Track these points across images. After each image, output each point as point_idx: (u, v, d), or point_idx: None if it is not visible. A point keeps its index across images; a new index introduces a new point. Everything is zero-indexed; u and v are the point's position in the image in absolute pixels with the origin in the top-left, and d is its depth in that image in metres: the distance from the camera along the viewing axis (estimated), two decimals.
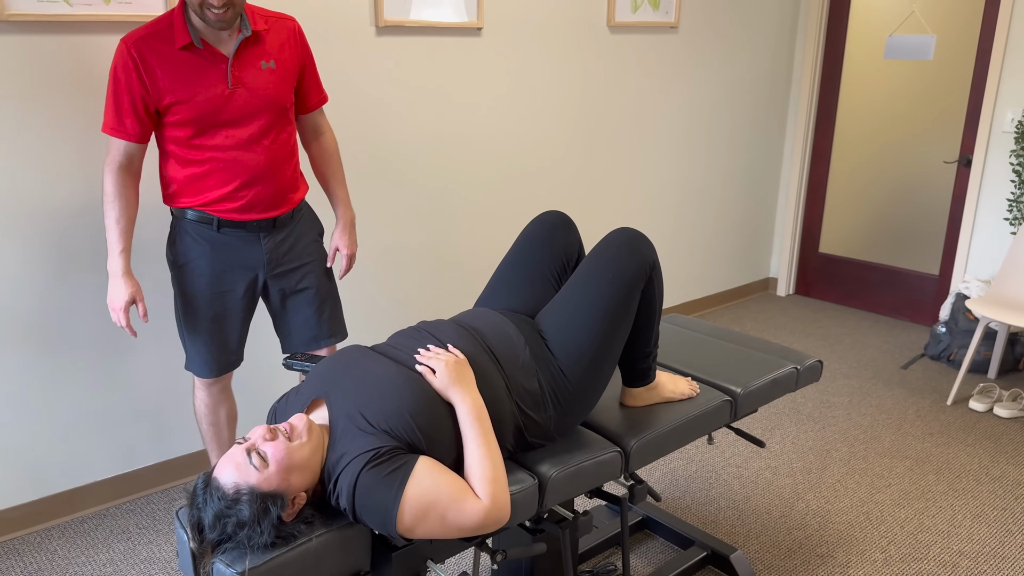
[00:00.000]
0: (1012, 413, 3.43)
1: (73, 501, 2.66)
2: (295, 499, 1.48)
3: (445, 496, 1.47)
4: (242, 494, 1.42)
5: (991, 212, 4.08)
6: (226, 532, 1.42)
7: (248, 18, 2.11)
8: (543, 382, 1.76)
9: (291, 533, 1.46)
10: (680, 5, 3.94)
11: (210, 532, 1.43)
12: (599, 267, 1.79)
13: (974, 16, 4.06)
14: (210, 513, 1.43)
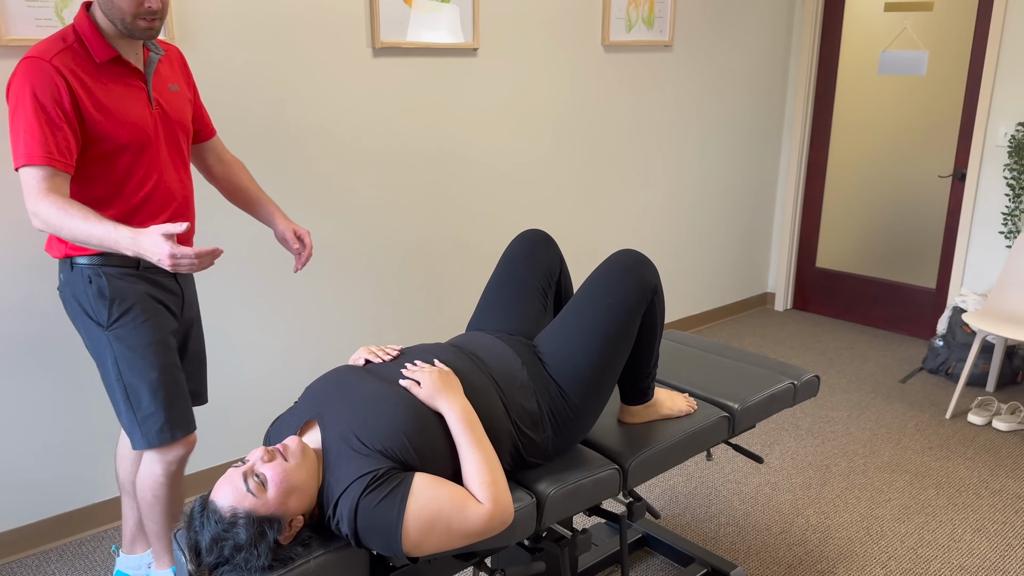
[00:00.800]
0: (1011, 426, 3.43)
1: (72, 523, 2.65)
2: (292, 522, 1.48)
3: (447, 507, 1.48)
4: (239, 518, 1.42)
5: (986, 226, 4.09)
6: (223, 555, 1.42)
7: (156, 41, 1.99)
8: (541, 402, 1.76)
9: (288, 556, 1.46)
10: (674, 23, 3.98)
11: (207, 555, 1.43)
12: (601, 289, 1.79)
13: (966, 31, 4.10)
14: (207, 536, 1.43)
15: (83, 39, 1.84)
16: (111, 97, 1.86)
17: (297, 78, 2.82)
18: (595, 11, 3.65)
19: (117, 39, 1.87)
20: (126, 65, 1.89)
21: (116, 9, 1.80)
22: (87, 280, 1.92)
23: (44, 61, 1.77)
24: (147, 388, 1.94)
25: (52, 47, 1.80)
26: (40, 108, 1.75)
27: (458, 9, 3.16)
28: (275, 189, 2.85)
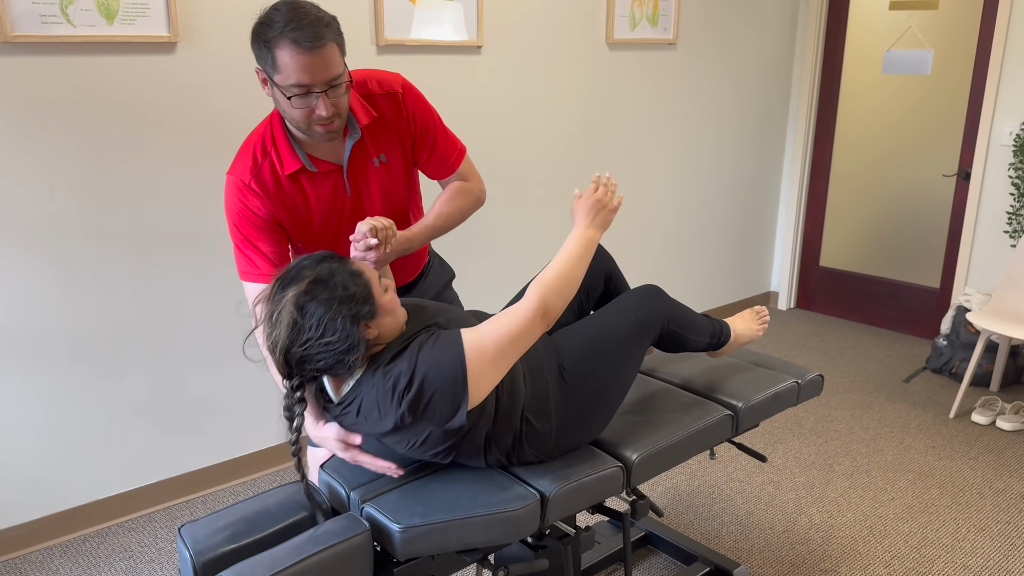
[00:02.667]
0: (1015, 426, 3.43)
1: (75, 519, 2.66)
2: (374, 324, 1.52)
3: (497, 324, 1.55)
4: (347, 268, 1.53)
5: (991, 225, 4.09)
6: (308, 310, 1.47)
7: (354, 114, 1.78)
8: (551, 392, 1.77)
9: (298, 400, 1.52)
10: (678, 21, 3.97)
11: (295, 309, 1.47)
12: (620, 305, 1.90)
13: (971, 30, 4.09)
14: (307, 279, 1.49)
15: (276, 145, 1.77)
16: (299, 203, 1.80)
17: None
18: (599, 9, 3.65)
19: (306, 138, 1.77)
20: (314, 174, 1.80)
21: (291, 119, 1.70)
22: None
23: (243, 183, 1.76)
24: None
25: (247, 166, 1.76)
26: (245, 229, 1.78)
27: (462, 7, 3.16)
28: None
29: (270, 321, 1.51)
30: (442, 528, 1.59)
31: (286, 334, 1.48)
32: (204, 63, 2.61)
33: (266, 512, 1.62)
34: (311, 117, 1.66)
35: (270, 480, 3.00)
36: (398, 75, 1.89)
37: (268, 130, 1.78)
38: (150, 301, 2.66)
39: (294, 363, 1.51)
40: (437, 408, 1.54)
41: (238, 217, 1.78)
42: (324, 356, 1.49)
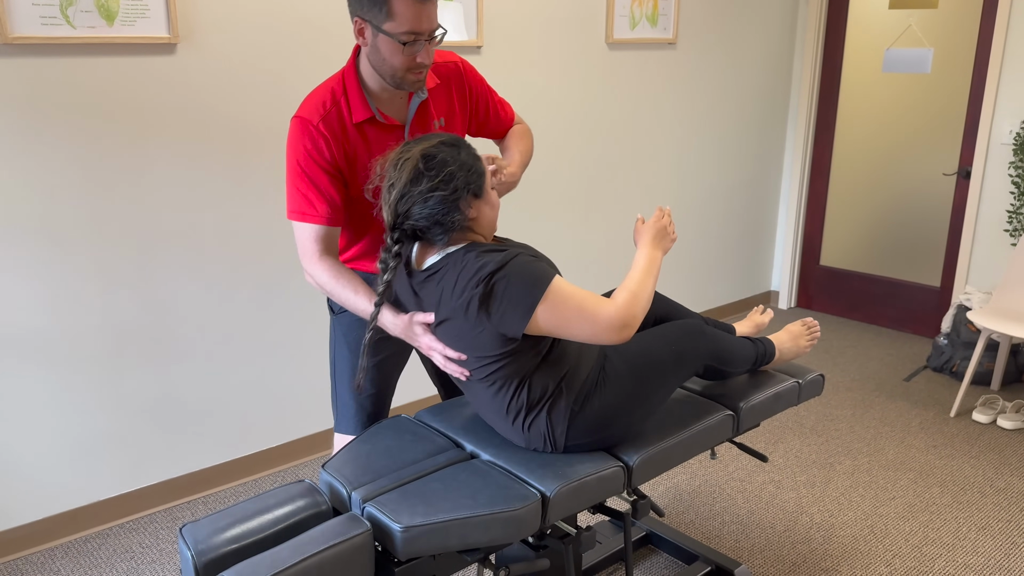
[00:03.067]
0: (1016, 424, 3.43)
1: (77, 520, 2.66)
2: (476, 205, 1.69)
3: (585, 295, 1.64)
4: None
5: (991, 224, 4.09)
6: (432, 164, 1.64)
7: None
8: (588, 381, 1.82)
9: (444, 222, 1.66)
10: (678, 21, 3.97)
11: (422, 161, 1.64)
12: (664, 333, 1.95)
13: (971, 29, 4.09)
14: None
15: (347, 95, 1.86)
16: (364, 155, 1.88)
17: (300, 78, 2.83)
18: (599, 9, 3.65)
19: (380, 91, 1.87)
20: (383, 119, 1.89)
21: (387, 66, 1.79)
22: None
23: (311, 125, 1.83)
24: (348, 381, 2.09)
25: (317, 111, 1.84)
26: (308, 169, 1.84)
27: (462, 7, 3.16)
28: (280, 188, 2.86)
29: (395, 166, 1.67)
30: (443, 528, 1.59)
31: (406, 179, 1.65)
32: (204, 64, 2.61)
33: (267, 512, 1.62)
34: (411, 65, 1.79)
35: (271, 480, 3.00)
36: (452, 51, 2.08)
37: (340, 82, 1.87)
38: (151, 302, 2.66)
39: (402, 212, 1.67)
40: (504, 309, 1.62)
41: (303, 157, 1.84)
42: (429, 211, 1.64)
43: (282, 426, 3.06)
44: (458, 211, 1.67)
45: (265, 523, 1.60)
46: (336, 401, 2.12)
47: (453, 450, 1.89)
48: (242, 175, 2.77)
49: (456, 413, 2.07)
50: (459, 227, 1.69)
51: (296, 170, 1.85)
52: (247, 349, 2.91)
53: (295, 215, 1.87)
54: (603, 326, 1.63)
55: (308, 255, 1.88)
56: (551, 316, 1.63)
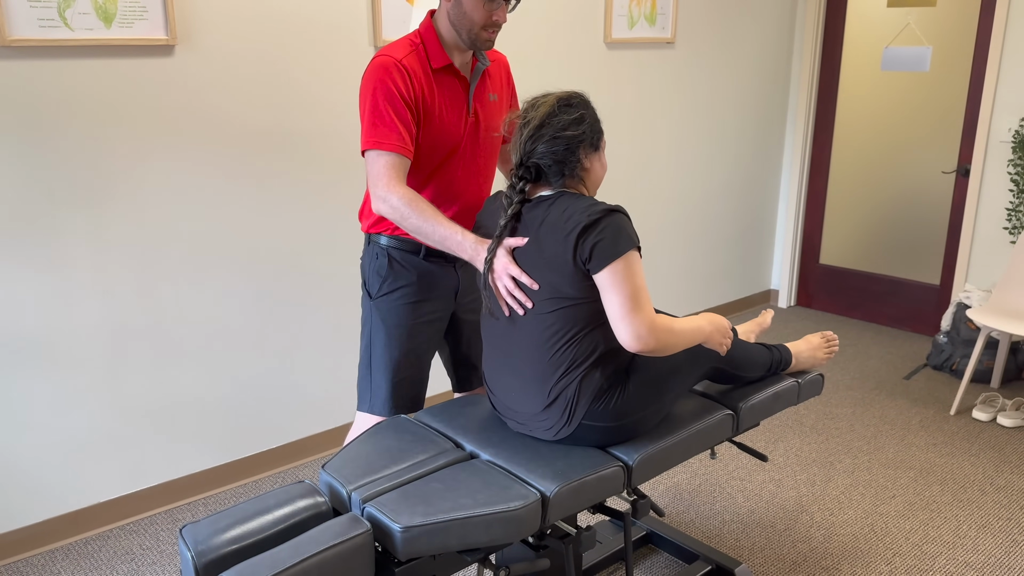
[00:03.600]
0: (1016, 422, 3.43)
1: (77, 522, 2.66)
2: (591, 158, 1.85)
3: (645, 287, 1.75)
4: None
5: (990, 221, 4.09)
6: (566, 108, 1.81)
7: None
8: (617, 370, 1.86)
9: (564, 161, 1.81)
10: (676, 20, 3.97)
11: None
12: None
13: (969, 27, 4.09)
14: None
15: (425, 44, 2.00)
16: (438, 101, 2.01)
17: (298, 77, 2.83)
18: (597, 9, 3.65)
19: (453, 47, 2.02)
20: (455, 73, 2.03)
21: (467, 20, 1.96)
22: (375, 256, 2.13)
23: (395, 60, 1.94)
24: (384, 364, 2.13)
25: (402, 49, 1.98)
26: (390, 100, 1.93)
27: None
28: (278, 189, 2.86)
29: (533, 106, 1.84)
30: (443, 528, 1.59)
31: (542, 116, 1.81)
32: (203, 65, 2.61)
33: (267, 512, 1.62)
34: (488, 21, 1.95)
35: (272, 482, 3.00)
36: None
37: (418, 35, 2.02)
38: (151, 304, 2.66)
39: (529, 150, 1.81)
40: (593, 255, 1.73)
41: (386, 88, 1.93)
42: (554, 148, 1.79)
43: (282, 427, 3.07)
44: (576, 157, 1.81)
45: (265, 524, 1.60)
46: (369, 384, 2.16)
47: (453, 450, 1.89)
48: (241, 176, 2.77)
49: (456, 413, 2.07)
50: (574, 173, 1.83)
51: (378, 101, 1.92)
52: (247, 350, 2.91)
53: (373, 143, 1.92)
54: (633, 323, 1.72)
55: (384, 181, 1.91)
56: (612, 277, 1.72)
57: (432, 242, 1.92)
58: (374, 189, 1.93)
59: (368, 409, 2.17)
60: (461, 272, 2.19)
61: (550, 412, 1.85)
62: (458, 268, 2.18)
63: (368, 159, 1.95)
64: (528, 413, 1.89)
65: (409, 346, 2.13)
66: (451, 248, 1.90)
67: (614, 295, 1.73)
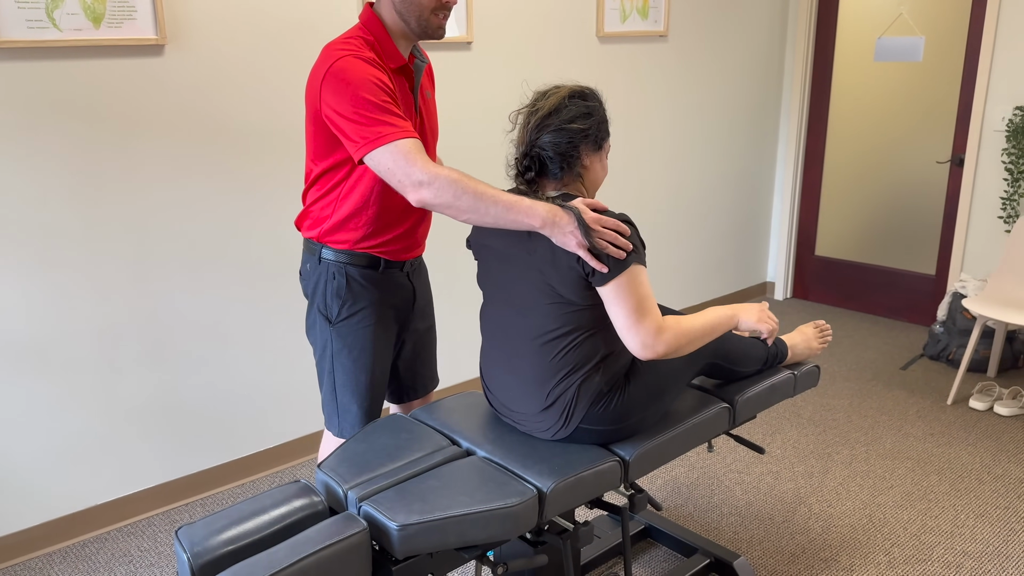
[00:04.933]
0: (1012, 411, 3.43)
1: (74, 525, 2.65)
2: (591, 157, 1.83)
3: (651, 295, 1.74)
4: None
5: (985, 211, 4.09)
6: (575, 101, 1.79)
7: (420, 50, 2.00)
8: (618, 375, 1.86)
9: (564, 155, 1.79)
10: (669, 14, 3.96)
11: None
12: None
13: (962, 16, 4.08)
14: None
15: (379, 41, 1.85)
16: (399, 102, 1.86)
17: (289, 78, 2.82)
18: (589, 2, 3.64)
19: (400, 39, 1.89)
20: (407, 74, 1.91)
21: (415, 6, 1.82)
22: (330, 276, 1.97)
23: (363, 56, 1.78)
24: (351, 389, 2.03)
25: (362, 46, 1.81)
26: (380, 95, 1.73)
27: None
28: (271, 189, 2.85)
29: (543, 95, 1.82)
30: (440, 525, 1.59)
31: (551, 106, 1.78)
32: (193, 64, 2.60)
33: (263, 513, 1.62)
34: (437, 5, 1.83)
35: (269, 481, 3.00)
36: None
37: (365, 31, 1.85)
38: (145, 304, 2.65)
39: (534, 139, 1.79)
40: (595, 270, 1.71)
41: (370, 80, 1.73)
42: (557, 140, 1.77)
43: (278, 427, 3.06)
44: (578, 152, 1.79)
45: (261, 524, 1.60)
46: (336, 407, 2.06)
47: (449, 447, 1.89)
48: (233, 176, 2.76)
49: (452, 410, 2.07)
50: (573, 169, 1.81)
51: (368, 100, 1.71)
52: (241, 351, 2.90)
53: (384, 137, 1.70)
54: (639, 333, 1.71)
55: (420, 164, 1.68)
56: (615, 290, 1.71)
57: (492, 217, 1.68)
58: (409, 177, 1.68)
59: (338, 433, 2.09)
60: (416, 282, 2.11)
61: (548, 414, 1.84)
62: (411, 277, 2.09)
63: (379, 157, 1.70)
64: (526, 413, 1.88)
65: (375, 367, 2.04)
66: (521, 216, 1.67)
67: (618, 308, 1.71)
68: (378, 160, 1.71)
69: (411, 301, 2.11)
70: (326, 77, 1.76)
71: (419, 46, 2.00)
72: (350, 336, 2.00)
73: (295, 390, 3.07)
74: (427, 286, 2.20)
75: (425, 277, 2.19)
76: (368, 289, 1.99)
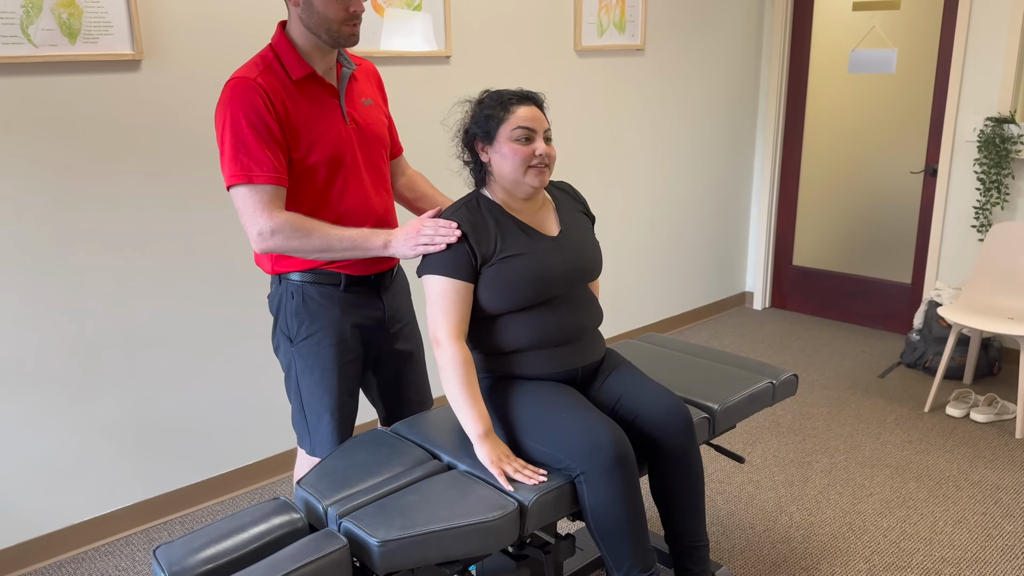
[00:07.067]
0: (988, 418, 3.47)
1: (50, 545, 2.62)
2: (488, 149, 1.92)
3: (447, 310, 1.83)
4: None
5: (959, 220, 4.14)
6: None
7: (347, 55, 2.00)
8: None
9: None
10: (645, 28, 4.00)
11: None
12: (568, 436, 1.88)
13: (933, 29, 4.15)
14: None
15: (280, 58, 1.86)
16: (307, 114, 1.87)
17: None
18: (567, 16, 3.67)
19: (314, 54, 1.88)
20: (320, 82, 1.90)
21: (321, 20, 1.83)
22: (289, 295, 1.97)
23: (250, 80, 1.79)
24: (318, 409, 2.02)
25: (254, 68, 1.83)
26: (252, 127, 1.77)
27: (430, 17, 3.16)
28: None
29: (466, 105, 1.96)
30: (421, 541, 1.58)
31: (469, 108, 1.93)
32: (170, 79, 2.59)
33: (242, 531, 1.61)
34: (345, 15, 1.83)
35: (248, 499, 2.97)
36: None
37: (270, 50, 1.88)
38: (121, 321, 2.63)
39: (468, 128, 1.92)
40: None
41: (245, 114, 1.77)
42: (470, 127, 1.91)
43: (257, 444, 3.04)
44: (474, 143, 1.93)
45: (240, 542, 1.59)
46: (307, 427, 2.05)
47: (430, 461, 1.88)
48: (210, 191, 2.75)
49: (432, 424, 2.06)
50: (476, 160, 1.94)
51: (239, 127, 1.77)
52: (219, 367, 2.88)
53: (241, 177, 1.76)
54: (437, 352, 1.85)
55: (265, 215, 1.77)
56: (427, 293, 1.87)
57: (340, 252, 1.82)
58: (254, 226, 1.77)
59: (310, 452, 2.07)
60: (387, 300, 2.07)
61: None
62: (383, 296, 2.06)
63: (237, 195, 1.78)
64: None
65: (341, 388, 2.01)
66: (367, 244, 1.83)
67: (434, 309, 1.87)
68: (235, 195, 1.79)
69: (381, 320, 2.06)
70: (219, 98, 1.84)
71: (347, 53, 1.99)
72: (311, 356, 1.98)
73: (274, 406, 3.05)
74: (406, 305, 2.16)
75: (402, 295, 2.15)
76: (327, 308, 1.96)
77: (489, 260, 1.86)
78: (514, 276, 1.85)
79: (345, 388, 2.02)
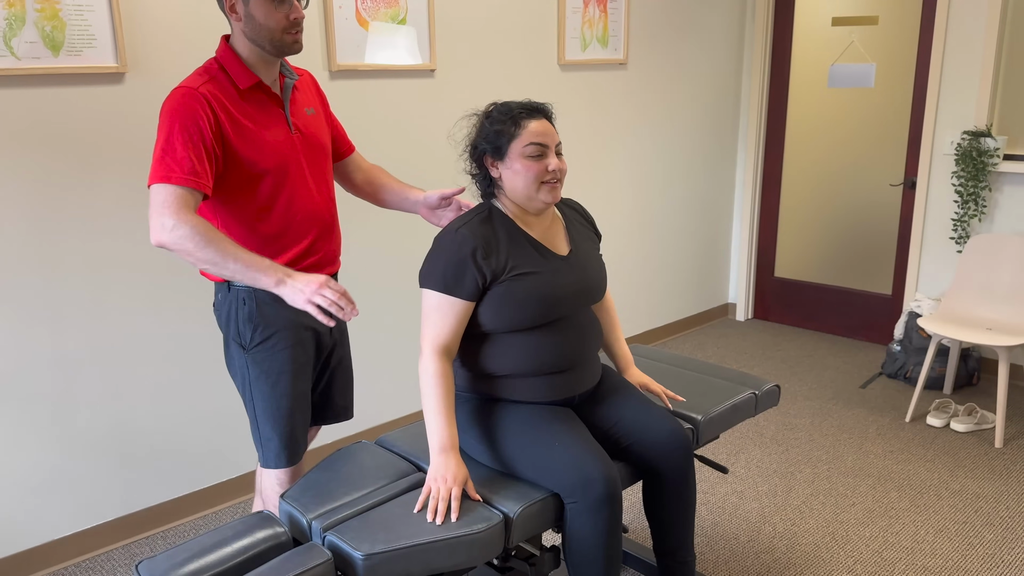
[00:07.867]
0: (968, 427, 3.51)
1: (31, 561, 2.58)
2: (499, 165, 1.94)
3: (435, 322, 1.84)
4: None
5: (938, 232, 4.20)
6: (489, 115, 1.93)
7: (288, 66, 2.04)
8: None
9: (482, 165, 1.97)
10: (628, 42, 4.04)
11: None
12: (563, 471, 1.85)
13: (911, 44, 4.21)
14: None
15: (226, 68, 1.89)
16: (253, 123, 1.89)
17: None
18: (550, 31, 3.70)
19: (259, 66, 1.92)
20: (266, 91, 1.93)
21: (265, 31, 1.86)
22: (241, 302, 1.95)
23: (192, 89, 1.82)
24: (271, 415, 1.99)
25: (199, 78, 1.86)
26: (185, 132, 1.79)
27: (415, 31, 3.18)
28: None
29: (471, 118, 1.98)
30: (405, 554, 1.58)
31: (476, 121, 1.93)
32: (153, 92, 2.59)
33: (225, 545, 1.60)
34: (286, 24, 1.86)
35: (231, 513, 2.95)
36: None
37: (214, 62, 1.91)
38: (102, 335, 2.61)
39: (476, 143, 1.92)
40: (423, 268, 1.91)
41: (181, 119, 1.79)
42: (479, 143, 1.91)
43: (239, 457, 3.02)
44: (482, 156, 1.95)
45: (223, 556, 1.58)
46: (259, 438, 2.03)
47: (415, 474, 1.88)
48: None
49: (417, 437, 2.06)
50: (486, 171, 1.97)
51: (172, 132, 1.78)
52: (201, 381, 2.86)
53: (160, 177, 1.76)
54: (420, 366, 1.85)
55: (172, 209, 1.74)
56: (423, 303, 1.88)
57: (230, 272, 1.77)
58: (159, 218, 1.74)
59: (263, 464, 2.05)
60: None
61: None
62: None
63: (153, 192, 1.77)
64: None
65: (295, 391, 2.00)
66: (259, 275, 1.77)
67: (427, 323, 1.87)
68: (152, 192, 1.78)
69: (329, 328, 2.08)
70: (163, 104, 1.86)
71: (288, 64, 2.03)
72: (266, 361, 1.97)
73: None
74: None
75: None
76: (282, 311, 1.95)
77: (499, 278, 1.82)
78: (524, 295, 1.82)
79: (300, 392, 2.02)
